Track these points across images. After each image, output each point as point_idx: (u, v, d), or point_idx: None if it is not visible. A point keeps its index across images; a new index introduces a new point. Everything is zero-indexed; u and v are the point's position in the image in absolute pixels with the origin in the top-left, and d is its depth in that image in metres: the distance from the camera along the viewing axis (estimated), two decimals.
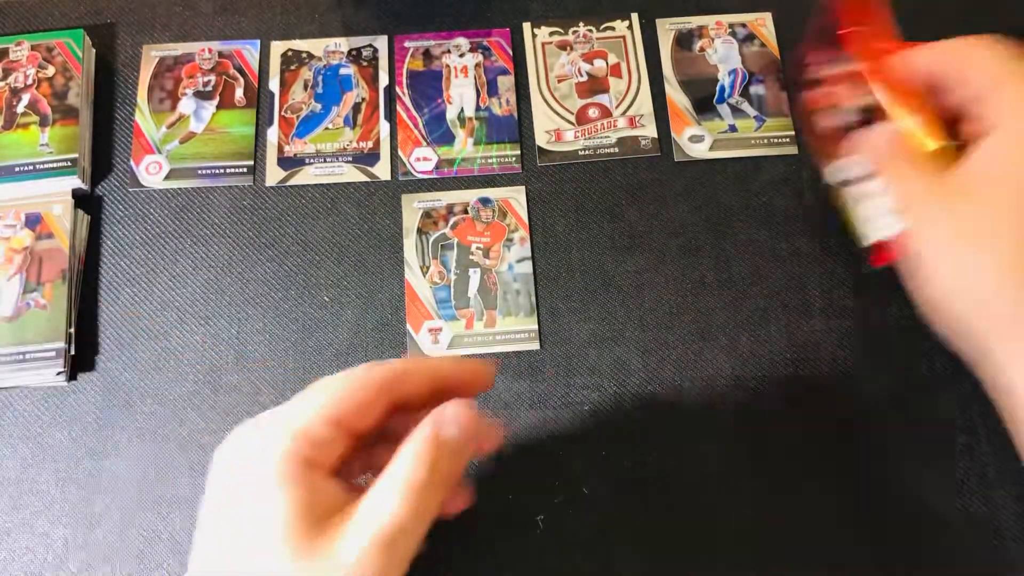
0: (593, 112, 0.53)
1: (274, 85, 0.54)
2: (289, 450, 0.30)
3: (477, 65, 0.54)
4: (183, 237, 0.50)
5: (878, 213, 0.40)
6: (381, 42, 0.55)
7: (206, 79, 0.54)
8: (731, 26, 0.55)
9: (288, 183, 0.51)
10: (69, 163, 0.50)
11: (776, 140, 0.52)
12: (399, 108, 0.53)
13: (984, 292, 0.32)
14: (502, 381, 0.46)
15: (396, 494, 0.29)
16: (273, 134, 0.52)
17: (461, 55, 0.54)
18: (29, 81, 0.52)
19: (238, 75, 0.54)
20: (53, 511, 0.44)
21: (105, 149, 0.52)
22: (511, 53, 0.54)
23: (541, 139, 0.52)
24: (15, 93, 0.52)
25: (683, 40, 0.55)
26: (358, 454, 0.33)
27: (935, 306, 0.35)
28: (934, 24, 0.55)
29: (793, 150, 0.52)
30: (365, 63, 0.54)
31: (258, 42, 0.55)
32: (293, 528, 0.28)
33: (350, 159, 0.52)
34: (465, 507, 0.37)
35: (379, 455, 0.33)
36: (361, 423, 0.32)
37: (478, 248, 0.49)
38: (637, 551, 0.43)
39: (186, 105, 0.53)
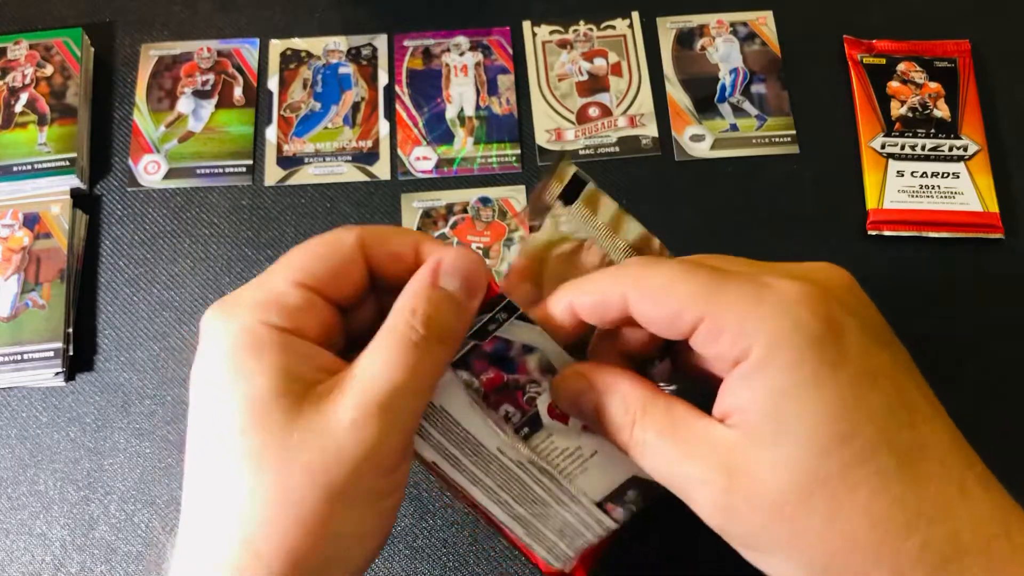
0: (593, 111, 0.53)
1: (273, 84, 0.53)
2: (256, 320, 0.26)
3: (477, 64, 0.54)
4: (182, 237, 0.50)
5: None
6: (380, 41, 0.55)
7: (205, 78, 0.53)
8: (732, 25, 0.55)
9: (287, 183, 0.51)
10: (67, 162, 0.50)
11: (777, 139, 0.52)
12: (398, 107, 0.53)
13: None
14: None
15: (390, 351, 0.26)
16: (272, 133, 0.52)
17: (461, 54, 0.54)
18: (27, 80, 0.52)
19: (237, 74, 0.54)
20: (51, 512, 0.44)
21: (103, 148, 0.52)
22: (511, 52, 0.54)
23: (541, 138, 0.52)
24: (13, 92, 0.52)
25: (684, 39, 0.54)
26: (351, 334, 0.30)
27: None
28: (937, 23, 0.55)
29: (795, 149, 0.51)
30: (364, 62, 0.54)
31: (257, 41, 0.55)
32: (275, 397, 0.25)
33: (349, 158, 0.51)
34: None
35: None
36: (339, 288, 0.28)
37: (478, 248, 0.49)
38: (638, 551, 0.43)
39: (185, 104, 0.53)
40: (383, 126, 0.52)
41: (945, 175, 0.50)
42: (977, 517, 0.24)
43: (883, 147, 0.50)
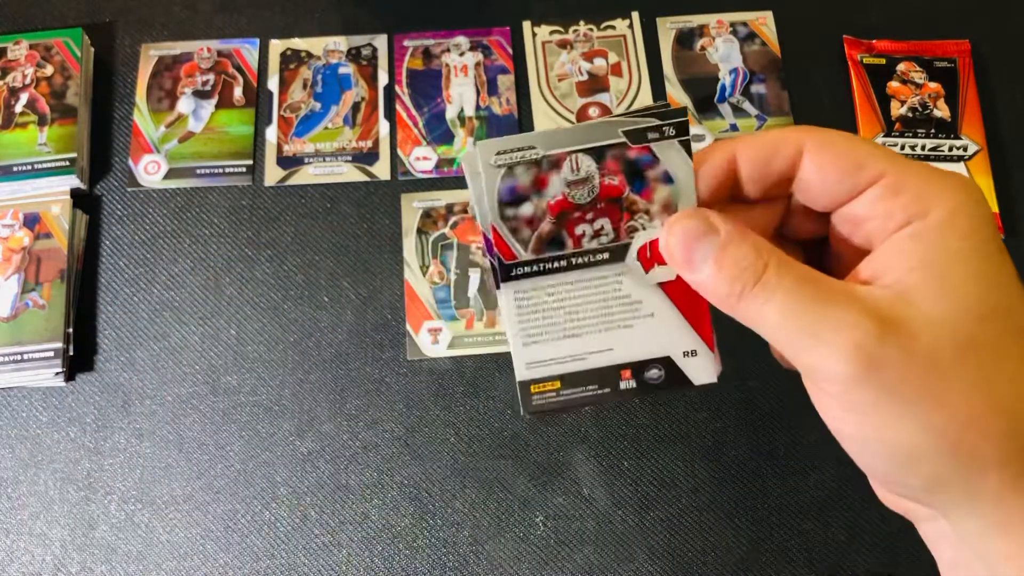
0: (593, 111, 0.53)
1: (273, 84, 0.53)
2: None
3: (477, 64, 0.54)
4: (182, 237, 0.50)
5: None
6: (380, 41, 0.55)
7: (205, 78, 0.53)
8: (732, 25, 0.55)
9: (287, 183, 0.51)
10: (67, 162, 0.50)
11: None
12: (399, 107, 0.53)
13: (915, 458, 0.25)
14: (503, 381, 0.46)
15: None
16: (272, 133, 0.52)
17: (461, 54, 0.54)
18: (27, 80, 0.52)
19: (237, 74, 0.54)
20: (52, 512, 0.44)
21: (103, 148, 0.52)
22: (511, 52, 0.54)
23: None
24: (13, 92, 0.52)
25: (684, 39, 0.54)
26: None
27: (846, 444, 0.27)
28: (936, 23, 0.55)
29: None
30: (364, 62, 0.54)
31: (257, 41, 0.55)
32: None
33: (349, 158, 0.51)
34: None
35: None
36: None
37: (478, 248, 0.49)
38: (636, 551, 0.43)
39: (185, 104, 0.53)
40: (383, 126, 0.52)
41: None
42: None
43: None
